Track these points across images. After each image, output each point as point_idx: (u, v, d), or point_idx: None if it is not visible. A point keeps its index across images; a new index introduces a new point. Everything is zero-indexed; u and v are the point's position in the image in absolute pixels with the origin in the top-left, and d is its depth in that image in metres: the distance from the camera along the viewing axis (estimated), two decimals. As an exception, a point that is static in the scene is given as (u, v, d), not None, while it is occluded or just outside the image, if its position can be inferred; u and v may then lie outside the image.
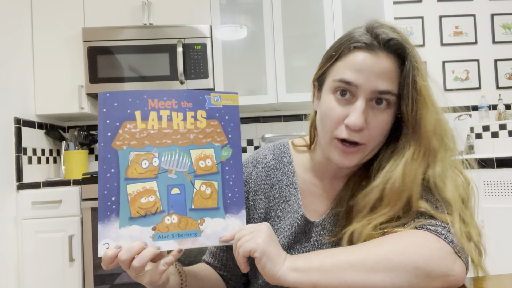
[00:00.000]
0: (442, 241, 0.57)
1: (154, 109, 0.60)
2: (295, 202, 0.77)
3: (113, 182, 0.57)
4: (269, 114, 2.89)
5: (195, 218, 0.60)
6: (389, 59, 0.65)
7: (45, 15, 2.40)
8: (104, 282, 2.09)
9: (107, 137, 0.58)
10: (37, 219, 2.09)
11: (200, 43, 2.41)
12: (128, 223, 0.57)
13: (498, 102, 2.87)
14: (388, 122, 0.66)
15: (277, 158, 0.81)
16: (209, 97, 0.63)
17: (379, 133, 0.66)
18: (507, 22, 3.00)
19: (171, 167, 0.59)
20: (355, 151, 0.66)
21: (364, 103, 0.64)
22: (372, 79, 0.64)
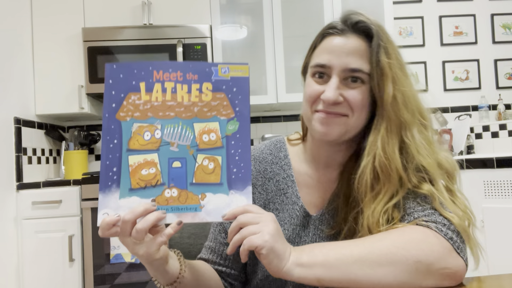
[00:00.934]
0: (442, 238, 0.59)
1: (158, 81, 0.59)
2: (292, 194, 0.78)
3: (115, 153, 0.57)
4: (269, 114, 2.89)
5: (196, 193, 0.58)
6: (359, 40, 0.70)
7: (45, 15, 2.40)
8: (104, 282, 2.09)
9: (112, 108, 0.58)
10: (37, 219, 2.09)
11: (200, 43, 2.41)
12: (128, 194, 0.57)
13: (498, 102, 2.87)
14: (364, 98, 0.69)
15: (273, 153, 0.83)
16: (216, 69, 0.60)
17: (357, 107, 0.69)
18: (507, 22, 3.00)
19: (173, 139, 0.58)
20: (334, 117, 0.70)
21: (338, 80, 0.69)
22: (343, 58, 0.69)
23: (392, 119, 0.68)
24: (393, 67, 0.68)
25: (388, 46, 0.69)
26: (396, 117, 0.68)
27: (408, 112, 0.68)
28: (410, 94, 0.69)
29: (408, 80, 0.70)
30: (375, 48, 0.68)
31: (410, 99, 0.69)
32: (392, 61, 0.68)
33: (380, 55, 0.68)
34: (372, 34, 0.70)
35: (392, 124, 0.68)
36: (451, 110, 2.95)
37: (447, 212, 0.63)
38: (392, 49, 0.70)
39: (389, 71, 0.68)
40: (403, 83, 0.69)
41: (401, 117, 0.68)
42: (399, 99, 0.68)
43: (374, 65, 0.68)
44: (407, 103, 0.68)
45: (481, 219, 2.12)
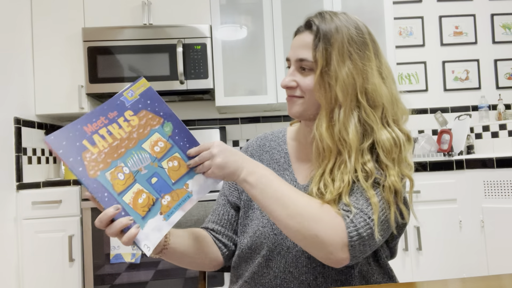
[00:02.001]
0: (345, 233, 0.69)
1: (94, 132, 0.67)
2: (285, 163, 0.92)
3: (113, 202, 0.66)
4: (269, 114, 2.90)
5: (181, 187, 0.71)
6: (309, 35, 0.83)
7: (45, 15, 2.40)
8: (104, 282, 2.09)
9: (81, 171, 0.65)
10: (37, 219, 2.09)
11: (200, 43, 2.41)
12: (144, 221, 0.67)
13: (498, 102, 2.87)
14: (323, 85, 0.80)
15: (274, 134, 1.00)
16: (125, 97, 0.70)
17: (307, 90, 0.82)
18: (507, 22, 3.00)
19: (138, 166, 0.69)
20: (293, 100, 0.86)
21: (293, 69, 0.85)
22: (295, 51, 0.84)
23: (325, 99, 0.80)
24: (329, 53, 0.79)
25: (330, 35, 0.79)
26: (327, 98, 0.80)
27: (342, 93, 0.78)
28: (346, 78, 0.78)
29: (353, 66, 0.79)
30: (315, 39, 0.80)
31: (345, 82, 0.78)
32: (330, 48, 0.79)
33: (319, 44, 0.80)
34: (315, 29, 0.81)
35: (325, 104, 0.80)
36: (451, 110, 2.95)
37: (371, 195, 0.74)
38: (336, 38, 0.79)
39: (322, 57, 0.79)
40: (340, 67, 0.78)
41: (331, 99, 0.79)
42: (332, 82, 0.78)
43: (315, 54, 0.80)
44: (342, 86, 0.78)
45: (481, 219, 2.13)
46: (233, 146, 2.85)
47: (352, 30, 0.81)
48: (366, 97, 0.79)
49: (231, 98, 2.49)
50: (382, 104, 0.79)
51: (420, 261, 2.14)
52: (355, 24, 0.82)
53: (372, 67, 0.80)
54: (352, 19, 0.84)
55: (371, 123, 0.78)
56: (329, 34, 0.80)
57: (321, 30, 0.80)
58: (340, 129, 0.78)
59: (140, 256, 2.05)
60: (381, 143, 0.77)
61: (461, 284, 0.62)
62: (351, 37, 0.80)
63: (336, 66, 0.78)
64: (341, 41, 0.79)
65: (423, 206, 2.13)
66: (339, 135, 0.78)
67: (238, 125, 2.87)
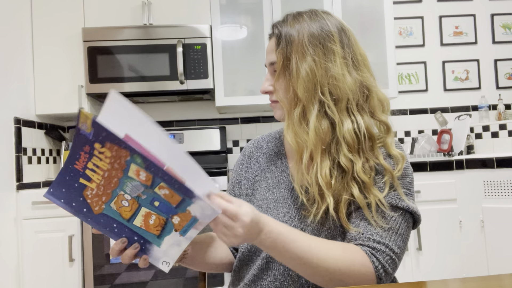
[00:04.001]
0: (374, 276, 0.70)
1: (84, 168, 0.63)
2: (282, 164, 0.92)
3: (125, 230, 0.67)
4: (269, 114, 2.89)
5: (183, 211, 0.64)
6: (273, 39, 0.85)
7: (45, 15, 2.40)
8: (104, 282, 2.09)
9: (85, 213, 0.65)
10: (37, 219, 2.09)
11: (200, 43, 2.41)
12: (161, 240, 0.67)
13: (498, 102, 2.87)
14: (285, 84, 0.82)
15: (272, 135, 1.02)
16: (83, 131, 0.59)
17: (283, 93, 0.83)
18: (507, 22, 3.00)
19: (136, 192, 0.63)
20: (273, 105, 0.87)
21: (268, 73, 0.87)
22: (267, 56, 0.86)
23: (287, 99, 0.82)
24: (289, 52, 0.80)
25: (290, 35, 0.80)
26: (289, 97, 0.81)
27: (303, 89, 0.78)
28: (306, 74, 0.78)
29: (313, 61, 0.78)
30: (277, 42, 0.82)
31: (304, 79, 0.78)
32: (290, 47, 0.80)
33: (280, 45, 0.81)
34: (277, 32, 0.83)
35: (287, 104, 0.82)
36: (451, 110, 2.95)
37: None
38: (295, 36, 0.80)
39: (281, 57, 0.81)
40: (300, 65, 0.78)
41: (293, 97, 0.80)
42: (293, 80, 0.79)
43: (277, 55, 0.82)
44: (302, 83, 0.78)
45: (481, 219, 2.13)
46: (233, 146, 2.85)
47: (314, 25, 0.81)
48: (329, 91, 0.78)
49: (231, 98, 2.49)
50: (346, 95, 0.78)
51: (420, 261, 2.14)
52: (320, 19, 0.82)
53: (335, 60, 0.79)
54: (318, 15, 0.83)
55: (332, 116, 0.78)
56: (288, 34, 0.81)
57: (282, 32, 0.82)
58: (299, 127, 0.79)
59: (140, 256, 2.04)
60: (342, 135, 0.77)
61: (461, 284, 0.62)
62: (312, 33, 0.80)
63: (295, 64, 0.79)
64: (301, 38, 0.80)
65: (423, 206, 2.13)
66: (300, 133, 0.78)
67: (238, 125, 2.87)
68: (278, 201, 0.86)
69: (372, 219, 0.74)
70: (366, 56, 0.84)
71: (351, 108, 0.78)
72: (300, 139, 0.78)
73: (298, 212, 0.82)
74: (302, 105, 0.79)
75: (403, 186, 0.78)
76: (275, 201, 0.86)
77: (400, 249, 0.74)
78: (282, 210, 0.84)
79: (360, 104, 0.80)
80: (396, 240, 0.74)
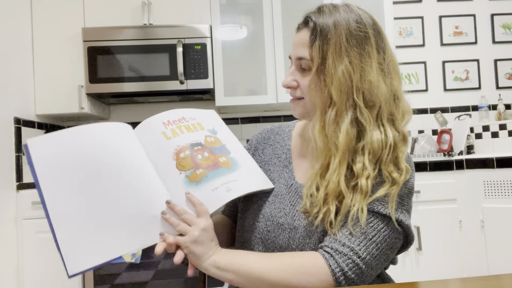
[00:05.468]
0: (327, 271, 0.70)
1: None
2: (285, 159, 0.91)
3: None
4: (269, 114, 2.90)
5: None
6: (306, 32, 0.80)
7: (45, 15, 2.40)
8: (104, 282, 2.09)
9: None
10: (37, 219, 2.09)
11: (200, 43, 2.41)
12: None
13: (498, 102, 2.87)
14: (319, 84, 0.78)
15: (282, 127, 0.99)
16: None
17: (308, 90, 0.80)
18: (507, 22, 3.00)
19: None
20: (295, 102, 0.84)
21: (294, 68, 0.83)
22: (295, 49, 0.82)
23: (320, 99, 0.78)
24: (325, 50, 0.76)
25: (327, 31, 0.76)
26: (322, 97, 0.77)
27: (336, 93, 0.75)
28: (342, 76, 0.75)
29: (350, 63, 0.75)
30: (311, 36, 0.78)
31: (340, 80, 0.75)
32: (326, 45, 0.76)
33: (315, 41, 0.77)
34: (311, 26, 0.78)
35: (320, 105, 0.78)
36: (451, 110, 2.95)
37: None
38: (332, 33, 0.76)
39: (318, 55, 0.76)
40: (336, 65, 0.75)
41: (326, 98, 0.76)
42: (327, 80, 0.76)
43: (311, 51, 0.77)
44: (337, 85, 0.75)
45: (481, 219, 2.13)
46: (233, 146, 2.85)
47: (352, 24, 0.76)
48: (363, 96, 0.75)
49: (231, 98, 2.49)
50: (379, 102, 0.75)
51: (420, 261, 2.14)
52: (357, 17, 0.78)
53: (371, 64, 0.76)
54: (354, 11, 0.79)
55: (364, 123, 0.75)
56: (325, 30, 0.76)
57: (318, 26, 0.77)
58: (332, 130, 0.75)
59: (140, 256, 2.04)
60: (370, 144, 0.74)
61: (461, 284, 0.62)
62: (350, 32, 0.76)
63: (332, 64, 0.75)
64: (338, 37, 0.75)
65: (423, 206, 2.13)
66: (331, 137, 0.75)
67: (238, 125, 2.87)
68: (276, 196, 0.86)
69: (350, 224, 0.72)
70: (397, 62, 0.81)
71: (382, 117, 0.76)
72: (330, 142, 0.75)
73: (293, 209, 0.81)
74: (336, 108, 0.75)
75: (397, 196, 0.74)
76: (274, 195, 0.86)
77: (370, 256, 0.70)
78: (279, 206, 0.84)
79: (389, 113, 0.77)
80: (366, 245, 0.71)
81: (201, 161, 0.76)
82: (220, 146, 0.82)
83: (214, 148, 0.80)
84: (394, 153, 0.75)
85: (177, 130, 0.80)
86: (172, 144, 0.77)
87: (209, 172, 0.76)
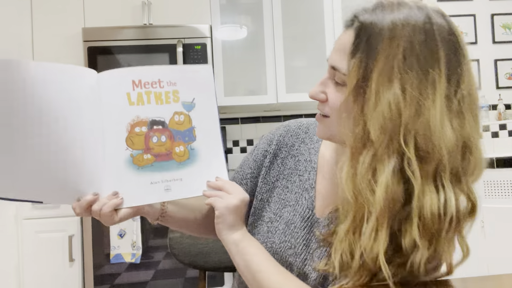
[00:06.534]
0: None
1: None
2: (308, 180, 0.73)
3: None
4: (269, 114, 2.89)
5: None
6: (350, 35, 0.58)
7: (45, 15, 2.40)
8: (104, 282, 2.09)
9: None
10: (37, 219, 2.09)
11: (200, 43, 2.41)
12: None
13: (498, 102, 2.87)
14: (354, 112, 0.57)
15: (309, 133, 0.79)
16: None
17: (334, 109, 0.61)
18: (507, 22, 3.00)
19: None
20: (321, 120, 0.65)
21: (327, 76, 0.63)
22: (333, 54, 0.61)
23: (353, 133, 0.56)
24: (369, 67, 0.54)
25: (378, 40, 0.54)
26: (356, 130, 0.55)
27: (377, 130, 0.53)
28: (387, 108, 0.53)
29: (402, 91, 0.53)
30: (354, 43, 0.56)
31: (384, 114, 0.53)
32: (372, 60, 0.54)
33: (357, 52, 0.55)
34: (359, 31, 0.56)
35: (352, 140, 0.56)
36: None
37: None
38: (384, 46, 0.53)
39: (357, 71, 0.55)
40: (382, 91, 0.53)
41: (362, 133, 0.55)
42: (366, 109, 0.54)
43: (350, 64, 0.56)
44: (380, 119, 0.53)
45: (481, 219, 2.12)
46: (233, 146, 2.85)
47: (418, 34, 0.53)
48: (415, 141, 0.53)
49: (231, 98, 2.49)
50: (439, 154, 0.52)
51: (420, 261, 2.14)
52: (426, 23, 0.54)
53: (434, 98, 0.52)
54: (425, 12, 0.55)
55: (412, 179, 0.53)
56: (375, 37, 0.54)
57: (364, 29, 0.55)
58: (365, 181, 0.54)
59: (140, 256, 2.04)
60: (419, 211, 0.53)
61: (461, 284, 0.62)
62: (412, 46, 0.53)
63: (375, 89, 0.53)
64: (393, 51, 0.53)
65: (423, 206, 2.13)
66: (363, 190, 0.54)
67: (238, 125, 2.87)
68: (288, 225, 0.72)
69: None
70: (477, 96, 0.56)
71: (442, 175, 0.53)
72: (362, 197, 0.54)
73: (305, 250, 0.69)
74: (374, 151, 0.54)
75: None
76: (286, 223, 0.72)
77: None
78: (290, 240, 0.71)
79: (455, 170, 0.54)
80: None
81: (154, 145, 0.68)
82: (185, 130, 0.70)
83: (177, 132, 0.69)
84: (458, 227, 0.56)
85: (144, 97, 0.68)
86: (132, 112, 0.68)
87: (156, 162, 0.67)
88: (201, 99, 0.73)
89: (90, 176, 0.65)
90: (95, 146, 0.66)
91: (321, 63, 2.47)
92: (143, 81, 0.69)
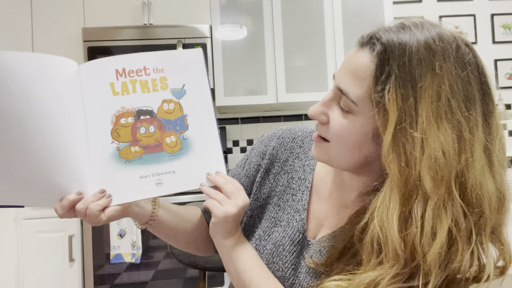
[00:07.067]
0: None
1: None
2: (301, 200, 0.70)
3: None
4: (269, 114, 2.89)
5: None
6: (369, 56, 0.51)
7: (45, 15, 2.40)
8: (104, 282, 2.09)
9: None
10: (37, 219, 2.09)
11: (200, 43, 2.41)
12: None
13: (498, 102, 2.87)
14: (349, 129, 0.54)
15: (304, 147, 0.74)
16: None
17: (334, 134, 0.56)
18: (507, 22, 3.00)
19: None
20: (318, 141, 0.61)
21: (331, 96, 0.57)
22: (341, 72, 0.55)
23: (395, 177, 0.49)
24: (411, 103, 0.47)
25: (403, 74, 0.47)
26: (409, 176, 0.48)
27: (430, 178, 0.47)
28: (440, 153, 0.47)
29: (454, 133, 0.47)
30: (378, 71, 0.50)
31: (438, 160, 0.47)
32: (416, 96, 0.47)
33: (379, 83, 0.49)
34: (386, 56, 0.49)
35: (396, 184, 0.49)
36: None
37: None
38: (428, 79, 0.47)
39: (397, 106, 0.47)
40: (433, 133, 0.47)
41: (412, 180, 0.48)
42: (416, 152, 0.47)
43: (365, 96, 0.51)
44: (433, 166, 0.47)
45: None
46: (233, 146, 2.85)
47: (459, 68, 0.47)
48: (463, 192, 0.47)
49: (231, 98, 2.49)
50: (481, 208, 0.47)
51: (420, 261, 2.14)
52: (465, 54, 0.49)
53: (473, 148, 0.47)
54: (452, 40, 0.49)
55: (458, 238, 0.47)
56: (413, 66, 0.47)
57: (392, 54, 0.49)
58: (420, 234, 0.47)
59: (140, 256, 2.04)
60: (454, 272, 0.48)
61: None
62: (457, 79, 0.47)
63: (427, 127, 0.47)
64: (439, 86, 0.47)
65: (423, 206, 2.12)
66: (416, 243, 0.47)
67: (238, 125, 2.87)
68: (277, 246, 0.68)
69: None
70: (503, 137, 0.51)
71: (481, 231, 0.48)
72: (412, 248, 0.48)
73: (293, 275, 0.66)
74: (428, 203, 0.47)
75: None
76: (275, 243, 0.69)
77: None
78: (278, 262, 0.67)
79: (491, 225, 0.49)
80: None
81: (142, 136, 0.62)
82: (176, 119, 0.64)
83: (167, 122, 0.63)
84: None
85: (129, 86, 0.63)
86: (117, 103, 0.62)
87: (145, 155, 0.62)
88: (192, 85, 0.66)
89: (73, 174, 0.59)
90: (77, 141, 0.60)
91: (321, 63, 2.47)
92: (127, 69, 0.64)
